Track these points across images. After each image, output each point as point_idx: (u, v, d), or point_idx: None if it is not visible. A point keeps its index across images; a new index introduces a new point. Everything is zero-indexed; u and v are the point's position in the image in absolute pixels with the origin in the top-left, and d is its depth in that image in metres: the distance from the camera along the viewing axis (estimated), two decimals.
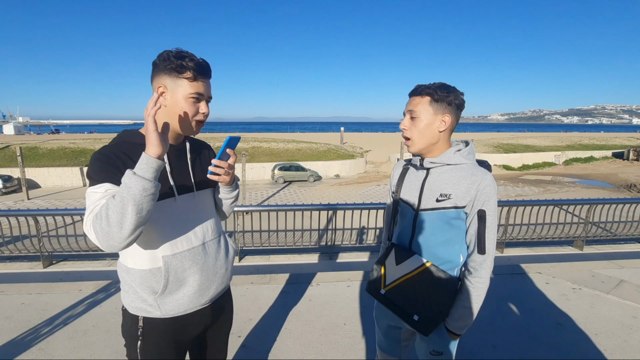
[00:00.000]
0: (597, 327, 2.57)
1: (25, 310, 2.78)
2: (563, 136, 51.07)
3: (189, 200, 1.11)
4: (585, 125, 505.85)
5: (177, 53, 1.00)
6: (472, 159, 1.22)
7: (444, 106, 1.17)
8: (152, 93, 1.03)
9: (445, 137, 1.21)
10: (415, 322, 1.20)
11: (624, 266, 3.86)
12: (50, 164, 24.57)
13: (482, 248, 1.16)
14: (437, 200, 1.19)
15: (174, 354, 1.13)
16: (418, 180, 1.26)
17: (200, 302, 1.13)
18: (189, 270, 1.08)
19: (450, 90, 1.17)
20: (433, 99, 1.16)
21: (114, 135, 1.21)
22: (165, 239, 1.05)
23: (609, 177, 28.59)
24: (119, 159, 0.97)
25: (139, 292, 1.06)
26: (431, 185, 1.21)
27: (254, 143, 31.85)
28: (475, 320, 1.23)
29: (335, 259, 4.81)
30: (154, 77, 1.03)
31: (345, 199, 19.61)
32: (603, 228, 5.55)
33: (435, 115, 1.17)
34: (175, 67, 0.99)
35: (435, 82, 1.20)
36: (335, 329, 2.55)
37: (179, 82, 1.00)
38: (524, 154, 35.19)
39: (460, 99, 1.18)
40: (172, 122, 1.04)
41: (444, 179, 1.20)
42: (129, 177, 0.85)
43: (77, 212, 4.34)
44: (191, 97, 1.02)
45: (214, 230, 1.18)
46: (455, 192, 1.16)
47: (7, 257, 4.59)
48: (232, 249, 1.27)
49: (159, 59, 1.01)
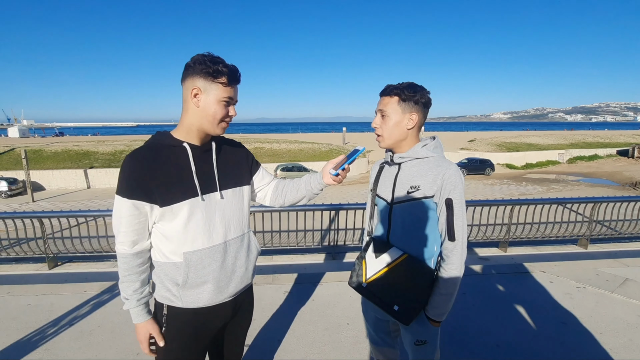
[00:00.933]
0: (602, 326, 2.55)
1: (31, 311, 2.81)
2: (566, 134, 50.72)
3: (212, 199, 1.15)
4: (589, 123, 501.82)
5: (212, 58, 1.05)
6: (439, 152, 1.30)
7: (411, 105, 1.24)
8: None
9: (413, 134, 1.30)
10: (396, 312, 1.26)
11: (629, 265, 3.83)
12: (54, 167, 24.75)
13: (452, 235, 1.22)
14: (408, 192, 1.26)
15: (193, 343, 1.19)
16: (391, 175, 1.34)
17: (219, 298, 1.18)
18: (208, 268, 1.13)
19: (416, 90, 1.24)
20: (401, 99, 1.24)
21: (117, 137, 1.27)
22: (187, 236, 1.10)
23: (614, 175, 28.35)
24: (145, 169, 1.05)
25: (165, 282, 1.14)
26: (402, 179, 1.29)
27: (256, 144, 31.91)
28: (478, 320, 1.24)
29: (338, 259, 4.81)
30: (186, 78, 1.07)
31: (348, 199, 19.60)
32: (608, 226, 5.52)
33: (403, 114, 1.25)
34: (211, 72, 1.04)
35: (403, 82, 1.27)
36: (339, 329, 2.55)
37: (213, 86, 1.06)
38: (527, 152, 34.96)
39: (426, 98, 1.26)
40: (202, 122, 1.10)
41: (413, 172, 1.27)
42: (122, 292, 1.13)
43: (82, 214, 4.37)
44: (223, 101, 1.08)
45: (238, 229, 1.22)
46: (423, 183, 1.23)
47: (13, 258, 4.64)
48: (255, 248, 1.31)
49: (193, 61, 1.06)
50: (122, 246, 1.09)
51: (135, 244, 1.10)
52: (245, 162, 1.32)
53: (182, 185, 1.08)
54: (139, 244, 1.10)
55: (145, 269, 1.15)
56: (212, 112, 1.08)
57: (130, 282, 1.12)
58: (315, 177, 1.34)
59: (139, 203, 1.05)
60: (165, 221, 1.09)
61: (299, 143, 33.75)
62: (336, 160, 1.29)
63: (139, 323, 1.14)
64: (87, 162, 25.76)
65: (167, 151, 1.09)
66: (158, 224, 1.10)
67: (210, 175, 1.16)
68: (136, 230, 1.08)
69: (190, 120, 1.10)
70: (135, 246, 1.10)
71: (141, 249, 1.11)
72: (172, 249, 1.11)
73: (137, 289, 1.13)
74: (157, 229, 1.11)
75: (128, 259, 1.10)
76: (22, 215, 4.37)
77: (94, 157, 26.52)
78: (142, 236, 1.10)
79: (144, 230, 1.10)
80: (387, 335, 1.51)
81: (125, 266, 1.10)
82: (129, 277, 1.11)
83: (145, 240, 1.11)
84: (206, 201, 1.13)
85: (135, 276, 1.12)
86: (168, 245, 1.11)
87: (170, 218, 1.08)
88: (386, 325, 1.49)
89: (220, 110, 1.09)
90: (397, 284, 1.27)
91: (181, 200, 1.07)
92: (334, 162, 1.29)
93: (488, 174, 28.62)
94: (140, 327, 1.15)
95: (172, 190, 1.07)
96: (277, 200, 1.41)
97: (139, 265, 1.12)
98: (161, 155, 1.08)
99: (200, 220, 1.11)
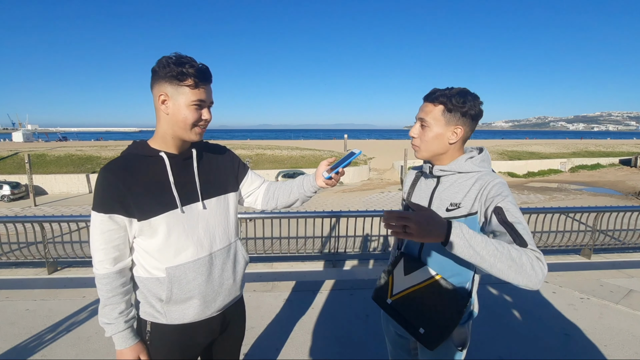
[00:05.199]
0: (606, 338, 2.51)
1: (29, 317, 2.79)
2: (568, 143, 50.65)
3: (194, 210, 1.09)
4: (591, 132, 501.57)
5: (177, 59, 0.98)
6: (486, 166, 1.14)
7: (458, 117, 1.09)
8: (152, 99, 1.04)
9: (456, 148, 1.15)
10: (421, 335, 1.16)
11: (633, 275, 3.79)
12: (57, 171, 24.87)
13: (522, 241, 0.94)
14: (447, 210, 1.13)
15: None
16: (428, 189, 1.22)
17: (206, 313, 1.12)
18: (193, 282, 1.07)
19: (467, 99, 1.08)
20: (446, 108, 1.09)
21: (120, 143, 1.25)
22: (169, 250, 1.05)
23: (617, 185, 28.21)
24: (121, 182, 0.99)
25: (148, 298, 1.09)
26: (441, 194, 1.16)
27: (257, 150, 32.02)
28: (480, 331, 1.19)
29: (338, 267, 4.77)
30: (154, 84, 1.01)
31: (349, 206, 19.55)
32: (611, 236, 5.46)
33: (447, 126, 1.10)
34: (176, 75, 0.97)
35: (453, 88, 1.11)
36: (338, 337, 2.52)
37: (181, 90, 0.99)
38: (529, 161, 34.91)
39: (477, 110, 1.10)
40: (174, 129, 1.04)
41: (454, 188, 1.13)
42: (104, 317, 1.05)
43: (82, 219, 4.37)
44: (193, 105, 1.01)
45: (224, 239, 1.16)
46: (465, 200, 1.10)
47: (13, 262, 4.63)
48: (243, 258, 1.24)
49: (158, 66, 0.99)
50: (102, 265, 1.02)
51: (117, 262, 1.03)
52: (231, 168, 1.25)
53: (160, 197, 1.03)
54: (122, 262, 1.04)
55: (129, 289, 1.08)
56: (182, 117, 1.01)
57: (114, 305, 1.04)
58: (308, 179, 1.28)
59: (117, 217, 0.99)
60: (145, 236, 1.03)
61: (301, 149, 33.85)
62: (330, 160, 1.22)
63: (124, 348, 1.06)
64: (89, 166, 25.88)
65: (143, 162, 1.04)
66: (138, 239, 1.05)
67: (191, 184, 1.09)
68: (117, 246, 1.02)
69: (163, 129, 1.04)
70: (117, 264, 1.03)
71: (123, 267, 1.05)
72: (153, 264, 1.05)
73: (122, 311, 1.05)
74: (137, 244, 1.06)
75: (110, 278, 1.02)
76: (23, 220, 4.38)
77: (96, 162, 26.65)
78: (123, 253, 1.04)
79: (124, 246, 1.04)
80: (406, 353, 1.41)
81: (108, 287, 1.02)
82: (112, 299, 1.03)
83: (126, 257, 1.05)
84: (187, 213, 1.07)
85: (119, 297, 1.04)
86: (149, 261, 1.05)
87: (149, 233, 1.02)
88: (406, 342, 1.39)
89: (191, 114, 1.01)
90: (425, 306, 1.15)
91: (159, 213, 1.01)
92: (327, 163, 1.22)
93: None
94: (127, 352, 1.06)
95: (149, 203, 1.01)
96: (268, 203, 1.34)
97: (123, 285, 1.05)
98: (137, 167, 1.03)
99: (182, 233, 1.05)
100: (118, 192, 0.98)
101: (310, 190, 1.27)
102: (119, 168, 1.01)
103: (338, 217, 4.83)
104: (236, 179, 1.27)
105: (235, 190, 1.25)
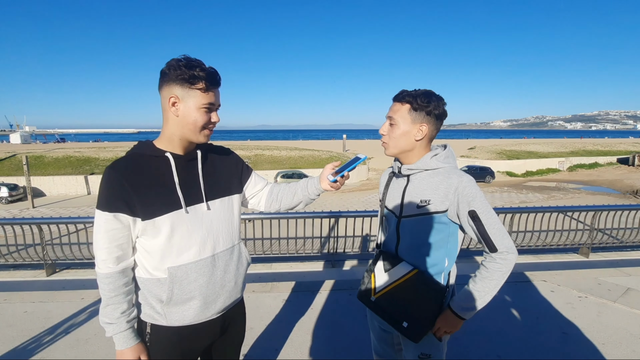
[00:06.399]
0: (604, 337, 2.52)
1: (27, 319, 2.79)
2: (566, 142, 50.82)
3: (198, 211, 1.09)
4: (589, 131, 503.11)
5: (187, 62, 0.99)
6: (451, 162, 1.22)
7: (423, 115, 1.17)
8: (159, 100, 1.05)
9: (422, 145, 1.22)
10: (405, 328, 1.22)
11: (631, 274, 3.80)
12: (55, 173, 24.82)
13: (491, 246, 1.12)
14: (418, 207, 1.20)
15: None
16: (400, 188, 1.27)
17: (206, 315, 1.12)
18: (194, 283, 1.07)
19: (431, 99, 1.16)
20: (412, 107, 1.17)
21: (118, 144, 1.24)
22: (172, 250, 1.05)
23: (614, 183, 28.32)
24: (126, 181, 0.99)
25: (148, 299, 1.09)
26: (411, 192, 1.22)
27: (256, 151, 32.03)
28: (479, 330, 1.23)
29: (337, 267, 4.78)
30: (162, 86, 1.02)
31: (348, 206, 19.56)
32: (609, 235, 5.48)
33: (413, 124, 1.18)
34: (187, 78, 0.98)
35: (419, 89, 1.19)
36: (338, 337, 2.52)
37: (191, 93, 1.00)
38: (527, 160, 35.04)
39: (441, 109, 1.18)
40: (183, 131, 1.05)
41: (423, 185, 1.20)
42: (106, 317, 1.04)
43: (81, 221, 4.36)
44: (203, 108, 1.02)
45: (228, 241, 1.16)
46: (434, 197, 1.17)
47: (11, 265, 4.61)
48: (245, 260, 1.24)
49: (168, 68, 0.99)
50: (105, 264, 1.02)
51: (120, 261, 1.03)
52: (235, 170, 1.26)
53: (164, 197, 1.03)
54: (125, 261, 1.04)
55: (131, 289, 1.08)
56: (192, 120, 1.02)
57: (116, 305, 1.03)
58: (312, 181, 1.29)
59: (121, 215, 0.99)
60: (148, 236, 1.03)
61: (300, 150, 33.86)
62: (335, 163, 1.24)
63: (125, 349, 1.05)
64: (87, 168, 25.83)
65: (148, 162, 1.04)
66: (140, 239, 1.04)
67: (195, 185, 1.10)
68: (120, 245, 1.02)
69: (171, 130, 1.05)
70: (120, 263, 1.03)
71: (126, 266, 1.05)
72: (154, 264, 1.05)
73: (124, 311, 1.05)
74: (140, 244, 1.06)
75: (113, 278, 1.02)
76: (21, 222, 4.36)
77: (94, 164, 26.60)
78: (127, 252, 1.04)
79: (128, 246, 1.04)
80: (390, 347, 1.47)
81: (111, 287, 1.02)
82: (115, 299, 1.03)
83: (129, 257, 1.05)
84: (191, 213, 1.07)
85: (121, 297, 1.04)
86: (151, 261, 1.05)
87: (153, 233, 1.02)
88: (390, 337, 1.45)
89: (201, 117, 1.03)
90: (407, 300, 1.22)
91: (163, 213, 1.02)
92: (333, 166, 1.25)
93: (488, 181, 28.61)
94: (127, 353, 1.05)
95: (154, 203, 1.01)
96: (272, 205, 1.35)
97: (125, 285, 1.05)
98: (143, 166, 1.03)
99: (185, 234, 1.05)
100: (123, 191, 0.98)
101: (315, 192, 1.29)
102: (125, 167, 1.01)
103: (337, 218, 4.83)
104: (240, 180, 1.27)
105: (239, 192, 1.25)
